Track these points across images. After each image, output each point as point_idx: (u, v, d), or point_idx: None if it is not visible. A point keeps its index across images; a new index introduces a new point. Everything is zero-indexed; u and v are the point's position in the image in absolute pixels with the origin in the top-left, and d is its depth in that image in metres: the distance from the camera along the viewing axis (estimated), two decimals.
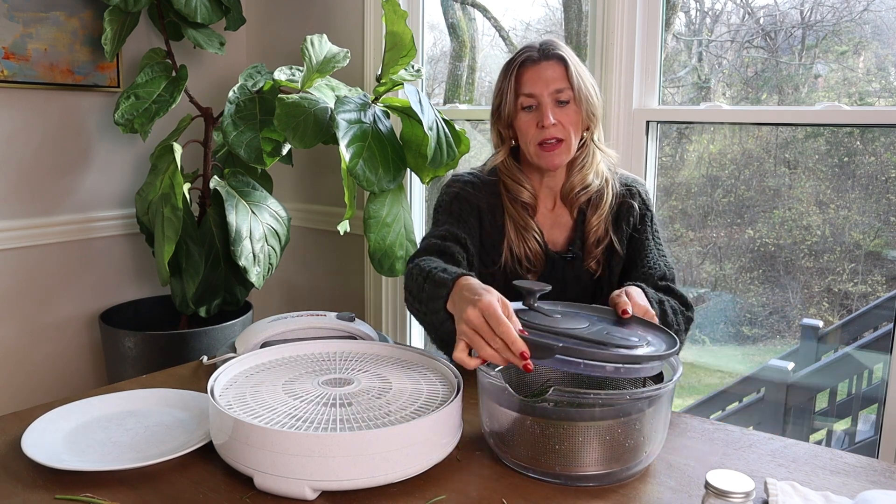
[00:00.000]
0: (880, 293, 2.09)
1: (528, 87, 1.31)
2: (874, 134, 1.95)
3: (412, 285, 1.18)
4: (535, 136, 1.31)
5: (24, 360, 2.21)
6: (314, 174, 2.59)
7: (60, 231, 2.23)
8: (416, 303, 1.15)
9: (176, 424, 1.06)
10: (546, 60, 1.31)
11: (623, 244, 1.37)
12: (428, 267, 1.15)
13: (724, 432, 1.07)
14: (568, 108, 1.31)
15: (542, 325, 0.98)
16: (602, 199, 1.37)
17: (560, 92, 1.30)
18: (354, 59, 2.26)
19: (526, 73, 1.32)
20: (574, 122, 1.32)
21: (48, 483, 0.90)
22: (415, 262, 1.23)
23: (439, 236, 1.32)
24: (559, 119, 1.30)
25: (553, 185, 1.40)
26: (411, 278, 1.19)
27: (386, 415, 0.93)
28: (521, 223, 1.36)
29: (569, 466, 0.89)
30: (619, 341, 0.95)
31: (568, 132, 1.31)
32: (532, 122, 1.31)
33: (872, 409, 2.48)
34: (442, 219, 1.37)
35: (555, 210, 1.41)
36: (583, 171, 1.37)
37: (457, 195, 1.38)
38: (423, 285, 1.12)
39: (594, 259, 1.36)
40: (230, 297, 2.21)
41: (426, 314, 1.12)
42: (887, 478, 0.94)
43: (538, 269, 1.37)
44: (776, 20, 2.00)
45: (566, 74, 1.30)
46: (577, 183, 1.37)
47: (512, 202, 1.38)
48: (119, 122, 2.04)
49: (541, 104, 1.30)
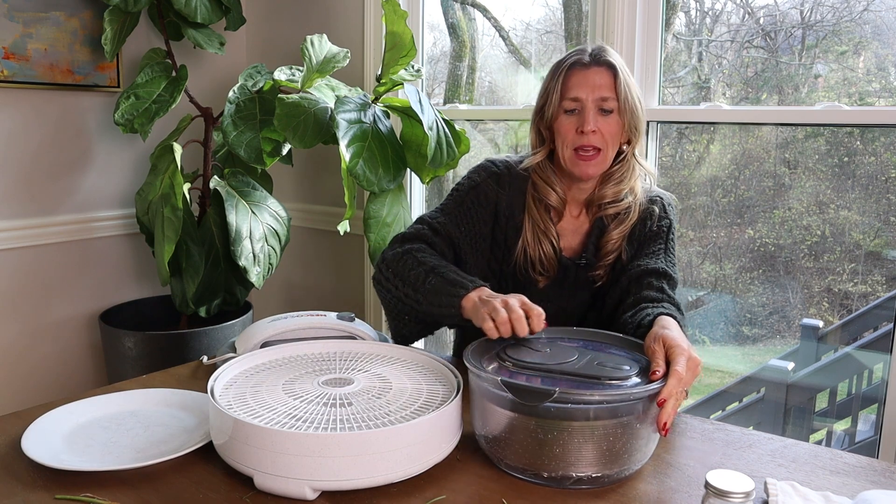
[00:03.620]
0: (880, 293, 2.09)
1: (574, 90, 1.28)
2: (874, 134, 1.95)
3: (404, 270, 1.24)
4: (573, 140, 1.29)
5: (24, 360, 2.21)
6: (314, 174, 2.59)
7: (60, 231, 2.23)
8: (406, 287, 1.22)
9: (176, 424, 1.06)
10: (596, 66, 1.28)
11: (629, 253, 1.34)
12: (432, 262, 1.22)
13: (724, 432, 1.07)
14: (610, 118, 1.28)
15: (533, 364, 0.97)
16: (628, 217, 1.34)
17: (605, 100, 1.27)
18: (354, 59, 2.26)
19: (573, 76, 1.29)
20: (614, 134, 1.29)
21: (48, 483, 0.90)
22: (406, 249, 1.27)
23: (433, 229, 1.33)
24: (600, 128, 1.27)
25: (583, 194, 1.37)
26: (402, 263, 1.25)
27: (386, 415, 0.93)
28: (541, 226, 1.34)
29: (564, 468, 0.89)
30: (611, 373, 0.94)
31: (606, 143, 1.28)
32: (572, 125, 1.29)
33: (872, 409, 2.48)
34: (450, 207, 1.36)
35: (579, 217, 1.38)
36: (619, 186, 1.34)
37: (476, 186, 1.36)
38: (428, 277, 1.19)
39: (603, 267, 1.35)
40: (230, 297, 2.21)
41: (417, 302, 1.21)
42: (887, 478, 0.94)
43: (550, 275, 1.35)
44: (776, 20, 2.00)
45: (614, 83, 1.27)
46: (610, 195, 1.33)
47: (536, 203, 1.35)
48: (119, 122, 2.04)
49: (584, 109, 1.27)
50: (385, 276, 1.28)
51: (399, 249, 1.29)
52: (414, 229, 1.34)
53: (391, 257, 1.28)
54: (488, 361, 1.00)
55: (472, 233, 1.35)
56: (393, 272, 1.26)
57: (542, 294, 1.34)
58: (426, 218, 1.36)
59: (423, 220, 1.36)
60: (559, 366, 0.97)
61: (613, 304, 1.32)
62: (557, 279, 1.36)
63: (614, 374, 0.94)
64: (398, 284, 1.24)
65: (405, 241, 1.31)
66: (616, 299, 1.31)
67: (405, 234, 1.33)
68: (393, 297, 1.26)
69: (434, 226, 1.33)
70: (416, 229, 1.34)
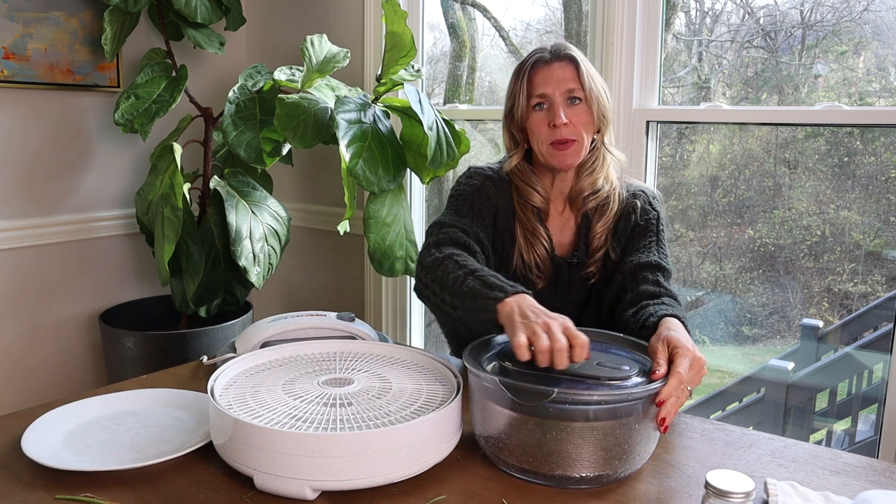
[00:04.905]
0: (880, 293, 2.09)
1: (541, 87, 1.30)
2: (874, 134, 1.95)
3: (443, 275, 1.15)
4: (547, 135, 1.30)
5: (24, 360, 2.21)
6: (314, 174, 2.59)
7: (60, 231, 2.23)
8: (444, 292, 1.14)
9: (176, 424, 1.06)
10: (557, 61, 1.31)
11: (618, 251, 1.35)
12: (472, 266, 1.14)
13: (724, 432, 1.07)
14: (579, 107, 1.30)
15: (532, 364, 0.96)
16: (608, 207, 1.35)
17: (571, 91, 1.29)
18: (354, 59, 2.26)
19: (538, 74, 1.31)
20: (585, 123, 1.31)
21: (48, 483, 0.90)
22: (447, 254, 1.19)
23: (463, 230, 1.28)
24: (571, 119, 1.29)
25: (564, 188, 1.38)
26: (443, 268, 1.16)
27: (386, 415, 0.93)
28: (530, 229, 1.34)
29: (564, 468, 0.89)
30: (610, 373, 0.94)
31: (580, 132, 1.30)
32: (544, 121, 1.30)
33: (872, 409, 2.49)
34: (464, 210, 1.34)
35: (564, 213, 1.39)
36: (593, 175, 1.35)
37: (479, 189, 1.35)
38: (466, 280, 1.10)
39: (594, 263, 1.36)
40: (230, 297, 2.21)
41: (454, 308, 1.12)
42: (887, 478, 0.94)
43: (546, 276, 1.36)
44: (776, 20, 2.00)
45: (577, 74, 1.30)
46: (587, 186, 1.35)
47: (522, 207, 1.36)
48: (119, 122, 2.04)
49: (552, 104, 1.29)
50: (423, 283, 1.21)
51: (438, 255, 1.21)
52: (446, 233, 1.27)
53: (431, 263, 1.20)
54: (488, 361, 1.00)
55: (486, 232, 1.34)
56: (432, 277, 1.18)
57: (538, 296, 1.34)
58: (448, 220, 1.31)
59: (446, 223, 1.30)
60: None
61: (611, 301, 1.32)
62: (552, 280, 1.36)
63: (614, 374, 0.94)
64: (436, 290, 1.17)
65: (441, 245, 1.25)
66: (613, 297, 1.31)
67: (439, 239, 1.26)
68: (432, 304, 1.20)
69: (462, 227, 1.29)
70: (448, 232, 1.27)
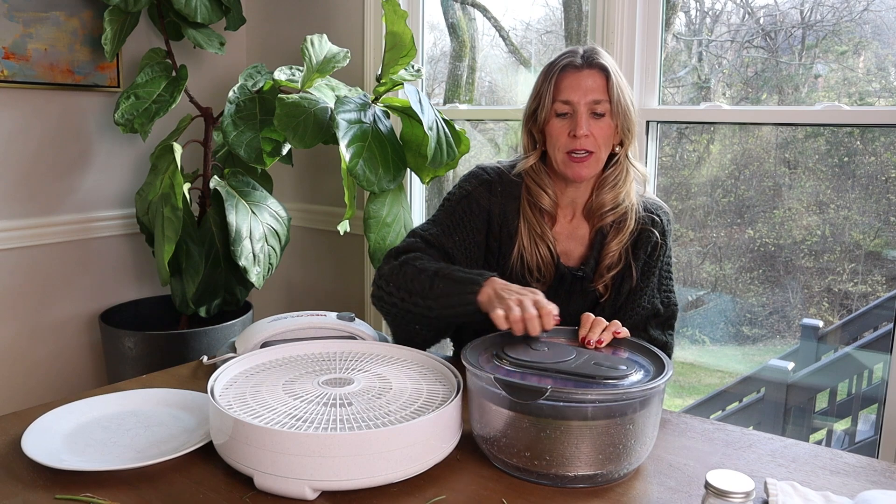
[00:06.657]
0: (880, 293, 2.09)
1: (566, 93, 1.27)
2: (874, 134, 1.95)
3: (405, 282, 1.23)
4: (565, 144, 1.28)
5: (23, 360, 2.21)
6: (314, 174, 2.59)
7: (60, 231, 2.23)
8: (413, 297, 1.22)
9: (176, 424, 1.06)
10: (588, 69, 1.27)
11: (638, 273, 1.33)
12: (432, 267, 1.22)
13: (724, 432, 1.07)
14: (603, 121, 1.27)
15: (530, 362, 0.98)
16: (625, 225, 1.33)
17: (597, 104, 1.26)
18: (354, 59, 2.25)
19: (566, 78, 1.28)
20: (606, 137, 1.28)
21: (48, 483, 0.90)
22: (402, 260, 1.27)
23: (425, 241, 1.32)
24: (592, 131, 1.26)
25: (575, 197, 1.36)
26: (402, 275, 1.24)
27: (386, 415, 0.93)
28: (537, 230, 1.33)
29: (561, 467, 0.89)
30: (607, 372, 0.94)
31: (598, 146, 1.28)
32: (564, 129, 1.28)
33: (872, 409, 2.49)
34: (440, 218, 1.36)
35: (573, 222, 1.37)
36: (615, 190, 1.33)
37: (467, 195, 1.35)
38: (433, 283, 1.19)
39: (603, 282, 1.33)
40: (230, 297, 2.21)
41: (429, 309, 1.20)
42: (887, 478, 0.94)
43: (547, 281, 1.34)
44: (776, 20, 2.00)
45: (606, 86, 1.27)
46: (609, 201, 1.33)
47: (531, 207, 1.35)
48: (119, 122, 2.04)
49: (576, 113, 1.26)
50: (386, 292, 1.27)
51: (395, 262, 1.28)
52: (406, 243, 1.33)
53: (388, 271, 1.28)
54: (486, 360, 1.01)
55: (466, 242, 1.34)
56: (395, 285, 1.25)
57: None
58: (418, 231, 1.36)
59: (414, 233, 1.36)
60: (556, 364, 0.97)
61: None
62: (553, 286, 1.35)
63: (610, 373, 0.94)
64: (404, 297, 1.23)
65: (399, 254, 1.31)
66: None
67: (398, 248, 1.33)
68: (399, 310, 1.26)
69: (426, 237, 1.33)
70: (409, 242, 1.33)
